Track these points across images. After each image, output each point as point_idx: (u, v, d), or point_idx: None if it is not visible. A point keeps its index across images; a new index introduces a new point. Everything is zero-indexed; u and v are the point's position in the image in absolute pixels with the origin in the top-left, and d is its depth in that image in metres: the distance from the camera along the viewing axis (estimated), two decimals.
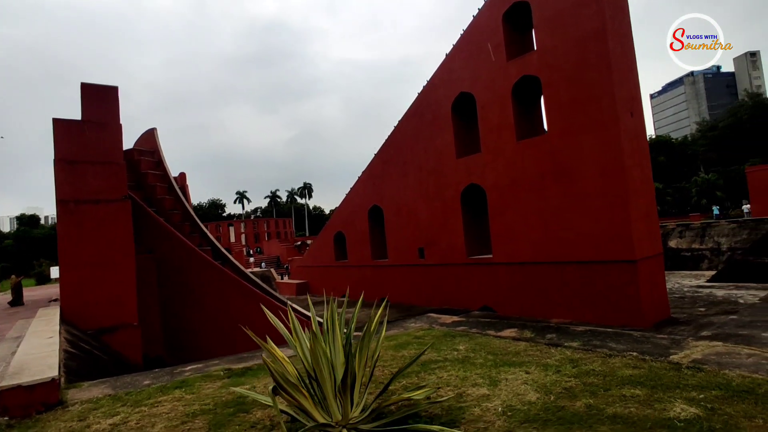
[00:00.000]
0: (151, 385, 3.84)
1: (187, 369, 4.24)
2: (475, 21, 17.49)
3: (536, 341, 4.17)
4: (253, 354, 4.76)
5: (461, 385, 3.19)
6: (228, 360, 4.65)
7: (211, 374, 3.99)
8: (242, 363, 4.37)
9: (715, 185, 42.10)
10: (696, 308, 15.17)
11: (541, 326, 4.67)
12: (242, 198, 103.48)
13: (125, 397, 3.58)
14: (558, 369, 3.40)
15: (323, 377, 2.32)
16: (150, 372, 4.30)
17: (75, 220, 10.36)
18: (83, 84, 11.47)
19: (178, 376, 4.01)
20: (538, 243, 15.10)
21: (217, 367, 4.22)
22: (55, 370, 3.61)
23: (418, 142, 20.16)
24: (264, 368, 4.10)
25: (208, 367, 4.28)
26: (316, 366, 2.30)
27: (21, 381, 3.37)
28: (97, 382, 4.01)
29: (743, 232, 23.90)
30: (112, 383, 3.95)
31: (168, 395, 3.55)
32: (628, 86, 13.87)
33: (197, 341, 13.32)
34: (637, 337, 4.03)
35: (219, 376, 3.94)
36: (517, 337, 4.45)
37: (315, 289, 29.71)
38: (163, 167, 15.94)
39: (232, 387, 3.62)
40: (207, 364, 4.42)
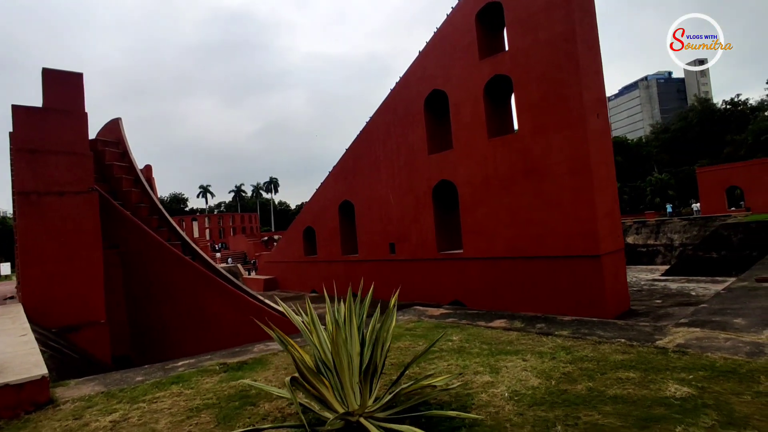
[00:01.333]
0: (145, 381, 3.73)
1: (179, 364, 4.14)
2: (448, 20, 17.70)
3: (527, 331, 4.35)
4: (245, 349, 4.70)
5: (463, 373, 3.30)
6: (221, 355, 4.58)
7: (206, 369, 3.92)
8: (236, 357, 4.32)
9: (667, 185, 44.62)
10: (653, 300, 16.04)
11: (530, 317, 4.86)
12: (206, 192, 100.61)
13: (119, 394, 3.47)
14: (553, 356, 3.57)
15: (342, 367, 2.35)
16: (140, 368, 4.17)
17: (37, 213, 9.80)
18: (45, 69, 10.85)
19: (171, 372, 3.91)
20: (508, 238, 15.52)
21: (211, 362, 4.15)
22: (43, 368, 3.45)
23: (390, 138, 20.25)
24: (260, 362, 4.07)
25: (202, 362, 4.20)
26: (336, 356, 2.33)
27: (8, 380, 3.21)
28: (84, 379, 3.85)
29: (693, 229, 25.40)
30: (101, 380, 3.81)
31: (165, 391, 3.47)
32: (594, 88, 14.43)
33: (166, 339, 12.93)
34: (621, 326, 4.28)
35: (215, 371, 3.88)
36: (507, 327, 4.61)
37: (283, 284, 29.38)
38: (129, 159, 15.30)
39: (232, 381, 3.58)
40: (199, 359, 4.34)
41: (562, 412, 2.51)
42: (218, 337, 12.72)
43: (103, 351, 9.93)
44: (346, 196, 23.05)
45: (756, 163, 29.17)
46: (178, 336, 12.92)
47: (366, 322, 3.41)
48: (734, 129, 47.93)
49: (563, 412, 2.51)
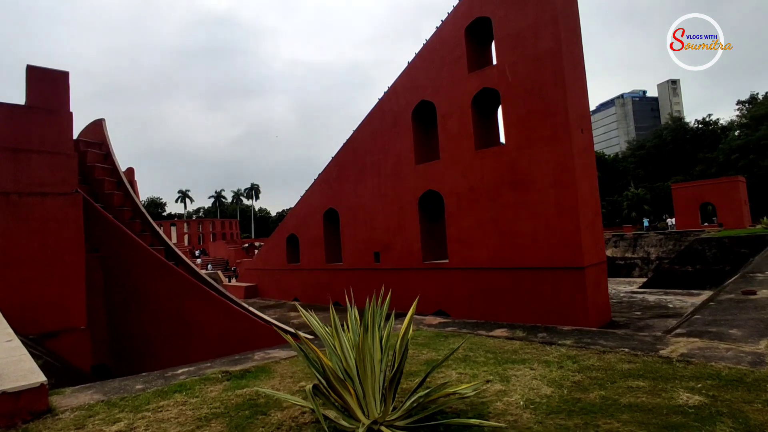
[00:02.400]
0: (146, 389, 3.60)
1: (179, 372, 4.02)
2: (438, 33, 17.97)
3: (530, 340, 4.39)
4: (246, 356, 4.59)
5: (473, 382, 3.30)
6: (222, 362, 4.46)
7: (209, 377, 3.81)
8: (238, 365, 4.22)
9: (643, 200, 46.00)
10: (633, 312, 16.39)
11: (530, 327, 4.91)
12: (185, 197, 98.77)
13: (121, 402, 3.34)
14: (560, 365, 3.61)
15: (366, 374, 2.33)
16: (138, 376, 4.03)
17: (17, 214, 9.46)
18: (30, 66, 10.55)
19: (173, 380, 3.79)
20: (494, 249, 15.69)
21: (212, 370, 4.04)
22: (40, 375, 3.30)
23: (377, 147, 20.32)
24: (263, 370, 3.99)
25: (202, 370, 4.09)
26: (361, 363, 2.31)
27: (4, 387, 3.06)
28: (79, 387, 3.69)
29: (669, 243, 26.16)
30: (98, 388, 3.66)
31: (169, 399, 3.35)
32: (579, 104, 14.83)
33: (147, 348, 12.57)
34: (622, 335, 4.37)
35: (218, 379, 3.78)
36: (509, 336, 4.65)
37: (264, 292, 28.97)
38: (112, 161, 14.93)
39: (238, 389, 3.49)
40: (200, 367, 4.22)
41: (581, 420, 2.54)
42: (202, 346, 12.44)
43: (83, 359, 9.60)
44: (331, 203, 22.97)
45: (727, 181, 30.33)
46: (160, 344, 12.57)
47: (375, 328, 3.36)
48: (706, 147, 49.86)
49: (582, 420, 2.54)
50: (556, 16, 14.30)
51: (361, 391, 2.37)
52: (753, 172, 38.44)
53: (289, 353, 4.53)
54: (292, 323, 17.64)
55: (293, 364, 4.13)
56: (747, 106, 52.11)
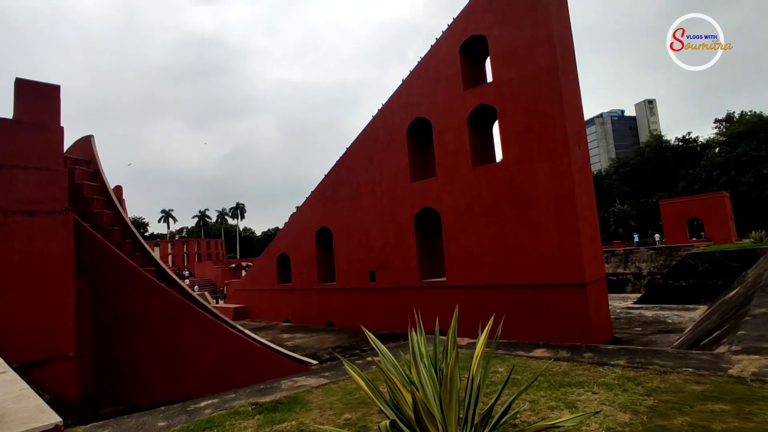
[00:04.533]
0: (170, 427, 3.22)
1: (202, 405, 3.64)
2: (433, 50, 18.08)
3: (576, 360, 4.14)
4: (272, 385, 4.22)
5: (536, 408, 3.03)
6: (247, 393, 4.08)
7: (237, 410, 3.45)
8: (266, 396, 3.85)
9: (629, 216, 46.74)
10: (633, 328, 16.27)
11: (570, 346, 4.66)
12: (168, 217, 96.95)
13: None
14: (623, 388, 3.36)
15: (450, 408, 2.05)
16: (156, 411, 3.63)
17: (3, 234, 8.92)
18: (18, 80, 10.15)
19: (197, 415, 3.41)
20: (493, 266, 15.50)
21: (240, 402, 3.67)
22: (52, 414, 2.90)
23: (372, 165, 20.16)
24: (296, 401, 3.63)
25: (228, 402, 3.71)
26: (446, 396, 2.02)
27: (13, 431, 2.66)
28: (92, 426, 3.28)
29: (660, 258, 26.37)
30: (114, 427, 3.25)
31: None
32: (576, 120, 14.93)
33: (136, 374, 11.90)
34: (676, 354, 4.15)
35: (248, 413, 3.41)
36: (552, 357, 4.40)
37: (254, 314, 28.18)
38: (101, 178, 14.40)
39: (276, 425, 3.13)
40: (223, 398, 3.84)
41: None
42: (196, 372, 11.85)
43: (71, 388, 8.98)
44: (324, 222, 22.61)
45: (713, 197, 30.94)
46: (151, 370, 11.93)
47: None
48: (687, 164, 51.14)
49: None
50: (551, 34, 14.48)
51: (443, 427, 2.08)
52: (734, 188, 39.45)
53: (319, 381, 4.18)
54: (285, 345, 17.06)
55: (327, 394, 3.78)
56: (724, 124, 53.86)
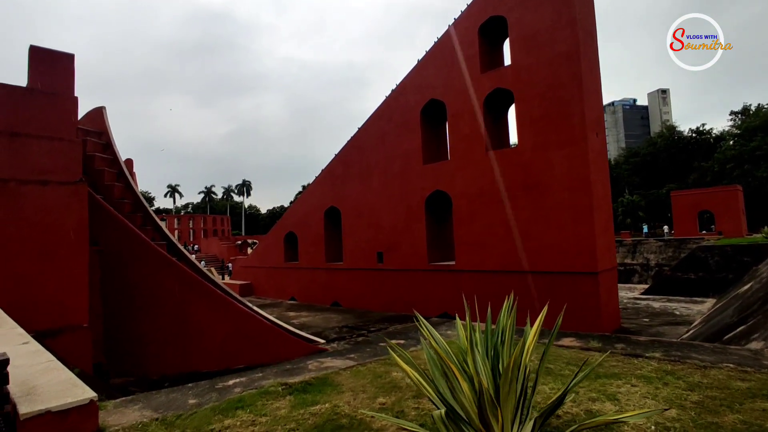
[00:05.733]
0: (202, 405, 3.18)
1: (230, 383, 3.60)
2: (450, 30, 17.65)
3: (608, 351, 4.06)
4: (298, 366, 4.18)
5: (577, 400, 2.97)
6: (273, 372, 4.05)
7: (267, 390, 3.41)
8: (294, 376, 3.81)
9: (638, 206, 46.31)
10: (641, 319, 16.24)
11: (602, 336, 4.59)
12: (174, 192, 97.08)
13: (178, 422, 2.92)
14: (664, 381, 3.29)
15: (508, 397, 1.97)
16: (185, 388, 3.60)
17: (15, 204, 8.86)
18: (33, 47, 9.96)
19: (227, 393, 3.38)
20: (504, 252, 15.42)
21: (269, 382, 3.63)
22: (86, 388, 2.85)
23: (384, 146, 19.93)
24: (325, 383, 3.59)
25: (256, 381, 3.68)
26: (505, 385, 1.94)
27: (48, 405, 2.61)
28: (122, 401, 3.26)
29: (669, 250, 26.21)
30: (145, 403, 3.23)
31: (233, 418, 2.94)
32: (595, 108, 14.64)
33: (146, 348, 12.00)
34: (712, 348, 4.08)
35: (279, 393, 3.37)
36: (583, 346, 4.33)
37: (259, 291, 28.34)
38: (113, 150, 14.29)
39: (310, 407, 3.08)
40: (251, 377, 3.80)
41: None
42: (206, 348, 11.93)
43: (84, 359, 9.05)
44: (333, 202, 22.50)
45: (725, 190, 30.56)
46: (161, 344, 12.03)
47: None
48: (700, 156, 50.42)
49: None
50: (574, 18, 14.08)
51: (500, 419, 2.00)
52: (748, 181, 38.89)
53: (346, 362, 4.14)
54: (291, 323, 17.15)
55: (356, 376, 3.74)
56: (740, 116, 52.88)
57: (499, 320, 2.68)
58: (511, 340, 2.34)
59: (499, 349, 2.32)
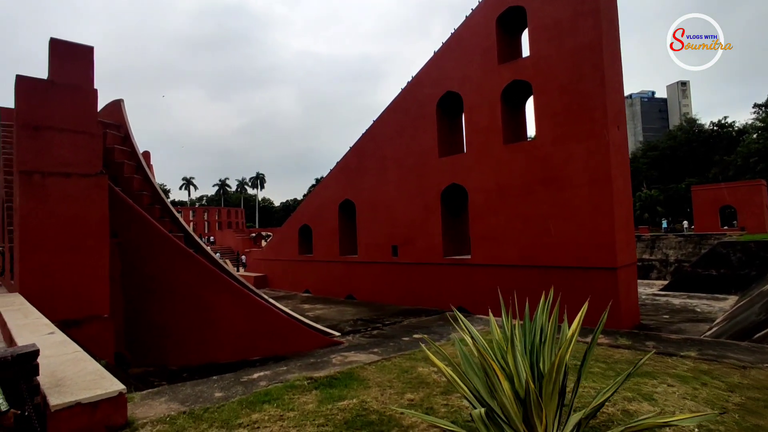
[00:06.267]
0: (228, 398, 3.17)
1: (255, 377, 3.59)
2: (467, 22, 17.40)
3: (639, 349, 3.97)
4: (322, 360, 4.16)
5: (612, 400, 2.89)
6: (298, 366, 4.03)
7: (293, 384, 3.39)
8: (320, 370, 3.78)
9: (656, 201, 45.40)
10: (660, 315, 15.96)
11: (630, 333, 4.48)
12: (189, 184, 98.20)
13: (206, 415, 2.91)
14: (702, 382, 3.18)
15: (549, 396, 1.89)
16: (210, 380, 3.60)
17: (40, 195, 9.00)
18: (53, 39, 10.04)
19: (253, 387, 3.36)
20: (521, 247, 15.24)
21: (293, 375, 3.62)
22: (115, 381, 2.86)
23: (400, 138, 19.80)
24: (351, 377, 3.56)
25: (281, 375, 3.66)
26: (548, 385, 1.87)
27: (78, 397, 2.61)
28: (148, 393, 3.27)
29: (689, 246, 25.68)
30: (171, 395, 3.23)
31: (261, 412, 2.92)
32: (617, 99, 14.32)
33: (165, 338, 12.16)
34: (748, 347, 3.94)
35: (305, 387, 3.35)
36: (612, 343, 4.23)
37: (274, 283, 28.56)
38: (131, 143, 14.44)
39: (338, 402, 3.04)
40: (276, 371, 3.79)
41: None
42: (223, 339, 12.05)
43: (106, 349, 9.18)
44: (348, 195, 22.47)
45: (749, 184, 29.78)
46: (179, 335, 12.17)
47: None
48: (721, 150, 49.18)
49: None
50: (597, 8, 13.74)
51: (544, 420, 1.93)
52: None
53: (370, 357, 4.10)
54: (306, 315, 17.22)
55: (382, 371, 3.69)
56: (764, 109, 51.35)
57: (536, 317, 2.59)
58: (552, 339, 2.26)
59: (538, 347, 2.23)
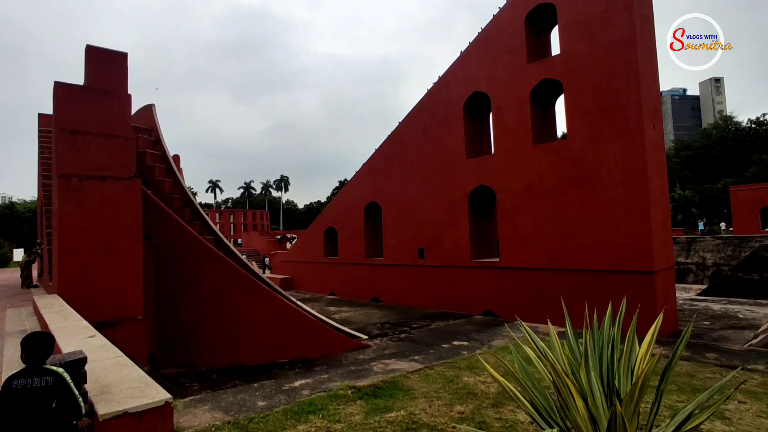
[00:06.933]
0: (273, 408, 3.09)
1: (297, 385, 3.51)
2: (494, 21, 17.12)
3: (699, 361, 3.72)
4: (363, 367, 4.05)
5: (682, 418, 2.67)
6: (339, 374, 3.94)
7: (336, 394, 3.29)
8: (361, 379, 3.67)
9: (691, 202, 43.77)
10: (700, 322, 15.29)
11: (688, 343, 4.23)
12: (215, 187, 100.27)
13: (251, 425, 2.83)
14: None
15: (630, 416, 1.72)
16: (250, 388, 3.54)
17: (78, 198, 9.22)
18: (89, 47, 10.31)
19: (295, 396, 3.28)
20: (552, 249, 14.86)
21: (336, 384, 3.52)
22: (159, 389, 2.82)
23: (426, 140, 19.63)
24: (395, 386, 3.43)
25: (323, 383, 3.57)
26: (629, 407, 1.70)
27: (125, 406, 2.56)
28: (191, 400, 3.22)
29: (728, 249, 24.63)
30: (213, 403, 3.17)
31: (307, 423, 2.82)
32: (652, 97, 13.82)
33: (195, 339, 12.30)
34: None
35: (348, 397, 3.25)
36: (669, 354, 3.97)
37: (299, 285, 28.72)
38: (162, 147, 14.74)
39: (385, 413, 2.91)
40: (317, 379, 3.70)
41: None
42: (251, 341, 12.11)
43: (140, 350, 9.31)
44: (374, 197, 22.41)
45: None
46: (209, 336, 12.29)
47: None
48: (760, 148, 47.11)
49: None
50: (630, 2, 13.31)
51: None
52: None
53: (411, 365, 3.97)
54: (333, 318, 17.20)
55: (426, 380, 3.56)
56: None
57: (603, 328, 2.41)
58: (631, 354, 2.08)
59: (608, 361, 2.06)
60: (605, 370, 2.06)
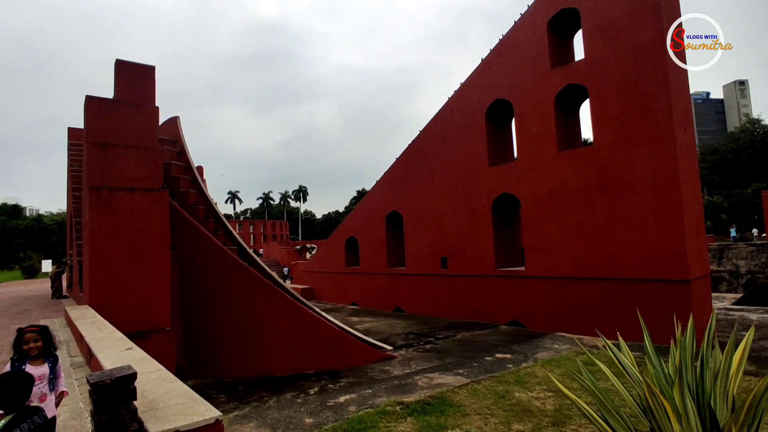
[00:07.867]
0: (321, 425, 3.01)
1: (341, 400, 3.42)
2: (516, 26, 16.99)
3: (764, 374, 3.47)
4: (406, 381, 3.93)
5: None
6: (383, 389, 3.83)
7: (384, 410, 3.19)
8: (408, 394, 3.55)
9: (720, 208, 42.41)
10: (738, 332, 14.68)
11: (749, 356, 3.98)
12: (234, 198, 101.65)
13: None
14: None
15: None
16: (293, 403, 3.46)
17: (108, 210, 9.36)
18: (118, 61, 10.55)
19: (342, 412, 3.19)
20: (579, 258, 14.51)
21: (382, 400, 3.42)
22: (208, 406, 2.74)
23: (447, 148, 19.50)
24: (445, 402, 3.30)
25: (367, 399, 3.48)
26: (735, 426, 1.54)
27: (176, 424, 2.49)
28: (236, 416, 3.16)
29: (762, 256, 23.73)
30: (259, 420, 3.10)
31: None
32: (682, 100, 13.46)
33: (220, 350, 12.31)
34: None
35: (397, 413, 3.14)
36: None
37: (320, 295, 28.70)
38: (186, 158, 14.95)
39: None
40: (361, 394, 3.61)
41: None
42: (277, 352, 12.06)
43: (169, 361, 9.31)
44: (394, 206, 22.31)
45: None
46: (234, 347, 12.29)
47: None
48: None
49: None
50: (657, 3, 13.04)
51: None
52: None
53: (457, 379, 3.84)
54: (356, 328, 17.07)
55: (476, 396, 3.42)
56: None
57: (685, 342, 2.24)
58: (727, 374, 1.91)
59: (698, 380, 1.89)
60: (695, 390, 1.89)
